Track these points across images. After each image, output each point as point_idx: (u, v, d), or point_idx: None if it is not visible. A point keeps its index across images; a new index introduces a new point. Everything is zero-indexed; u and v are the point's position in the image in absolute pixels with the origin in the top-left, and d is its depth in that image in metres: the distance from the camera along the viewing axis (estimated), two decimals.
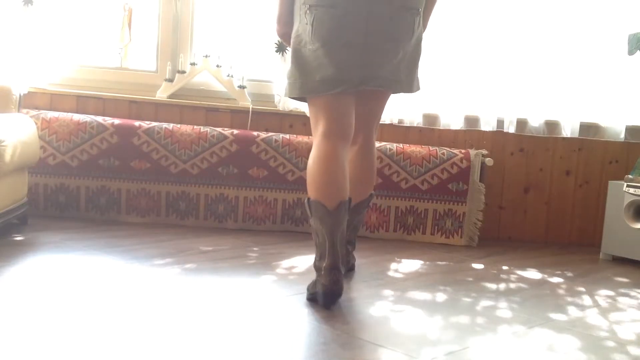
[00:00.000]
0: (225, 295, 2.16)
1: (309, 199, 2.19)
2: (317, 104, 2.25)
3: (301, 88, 2.23)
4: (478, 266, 2.92)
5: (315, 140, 2.25)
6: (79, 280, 2.20)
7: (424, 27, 2.39)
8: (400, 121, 3.52)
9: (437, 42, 3.43)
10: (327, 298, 2.09)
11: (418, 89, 2.40)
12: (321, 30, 2.16)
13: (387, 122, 3.50)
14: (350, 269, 2.57)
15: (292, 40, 2.29)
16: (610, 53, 3.50)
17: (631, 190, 3.20)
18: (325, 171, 2.16)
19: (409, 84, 2.32)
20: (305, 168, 2.94)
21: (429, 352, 1.76)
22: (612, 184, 3.32)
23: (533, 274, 2.85)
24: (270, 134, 3.37)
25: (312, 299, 2.17)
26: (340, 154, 2.20)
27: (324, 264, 2.09)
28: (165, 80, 3.48)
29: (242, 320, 1.92)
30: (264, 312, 2.02)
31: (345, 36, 2.16)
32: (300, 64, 2.23)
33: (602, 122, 3.60)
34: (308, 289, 2.22)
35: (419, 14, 2.26)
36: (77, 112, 3.36)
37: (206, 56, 3.49)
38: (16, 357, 1.53)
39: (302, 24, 2.22)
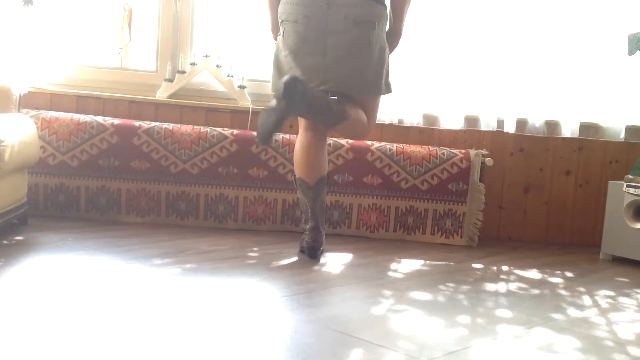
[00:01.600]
0: (224, 296, 2.16)
1: (295, 175, 2.79)
2: None
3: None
4: (478, 266, 2.92)
5: (300, 130, 2.80)
6: (79, 280, 2.20)
7: (399, 32, 2.78)
8: (400, 121, 3.52)
9: (437, 42, 3.44)
10: (309, 250, 2.75)
11: (389, 91, 2.81)
12: (288, 41, 2.68)
13: (387, 122, 3.50)
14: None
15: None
16: (610, 53, 3.49)
17: (631, 190, 3.20)
18: (307, 157, 2.73)
19: (373, 87, 2.72)
20: None
21: (429, 352, 1.76)
22: (612, 184, 3.32)
23: (533, 274, 2.85)
24: None
25: (301, 251, 2.82)
26: (317, 143, 2.75)
27: (308, 226, 2.75)
28: (165, 80, 3.48)
29: (242, 321, 1.92)
30: (264, 312, 2.02)
31: (306, 47, 2.65)
32: (278, 67, 2.76)
33: (602, 122, 3.60)
34: (299, 244, 2.85)
35: (374, 27, 2.64)
36: (77, 112, 3.36)
37: (206, 56, 3.48)
38: (16, 357, 1.53)
39: (279, 34, 2.75)
